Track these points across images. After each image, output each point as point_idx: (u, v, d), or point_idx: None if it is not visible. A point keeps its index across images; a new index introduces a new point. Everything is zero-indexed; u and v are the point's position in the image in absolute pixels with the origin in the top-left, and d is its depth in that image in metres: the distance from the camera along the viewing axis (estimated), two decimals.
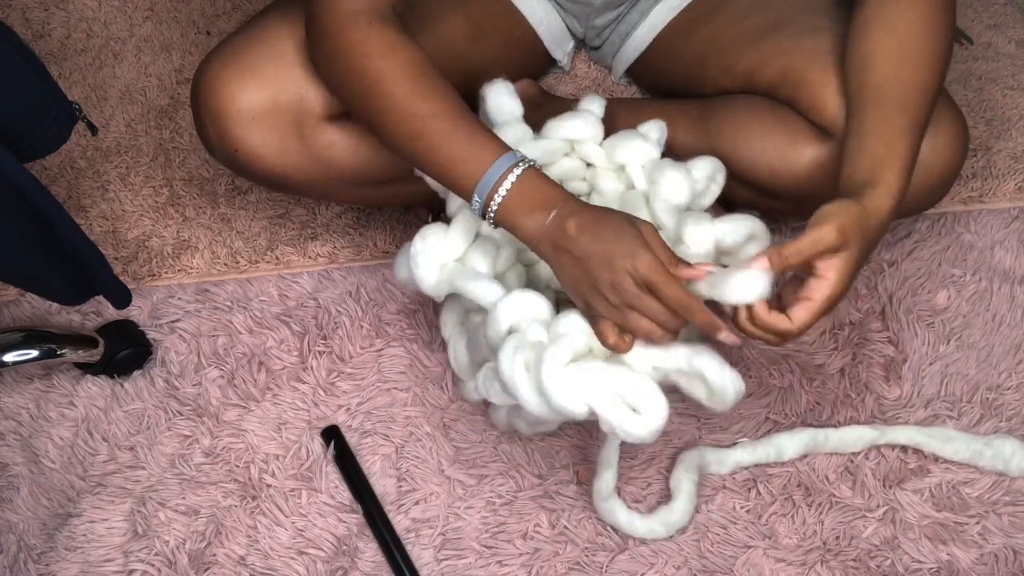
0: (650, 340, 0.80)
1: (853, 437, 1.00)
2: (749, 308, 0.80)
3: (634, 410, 0.79)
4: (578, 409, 0.80)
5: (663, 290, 0.77)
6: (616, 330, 0.80)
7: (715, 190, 0.96)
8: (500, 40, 1.13)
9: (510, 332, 0.84)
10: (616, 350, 0.80)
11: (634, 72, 1.23)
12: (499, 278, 0.94)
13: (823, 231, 0.77)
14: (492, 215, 0.82)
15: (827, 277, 0.78)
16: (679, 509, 0.96)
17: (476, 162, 0.81)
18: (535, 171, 0.82)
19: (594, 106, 0.99)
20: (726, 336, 0.79)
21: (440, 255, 0.91)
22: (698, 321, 0.78)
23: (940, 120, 0.94)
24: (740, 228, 0.88)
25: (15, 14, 1.47)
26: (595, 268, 0.78)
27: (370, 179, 1.01)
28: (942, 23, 0.88)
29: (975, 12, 1.38)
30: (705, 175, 0.94)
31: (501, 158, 0.81)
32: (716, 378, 0.80)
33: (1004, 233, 1.17)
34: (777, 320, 0.79)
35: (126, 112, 1.35)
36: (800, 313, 0.79)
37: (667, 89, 1.18)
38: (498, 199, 0.81)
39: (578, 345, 0.81)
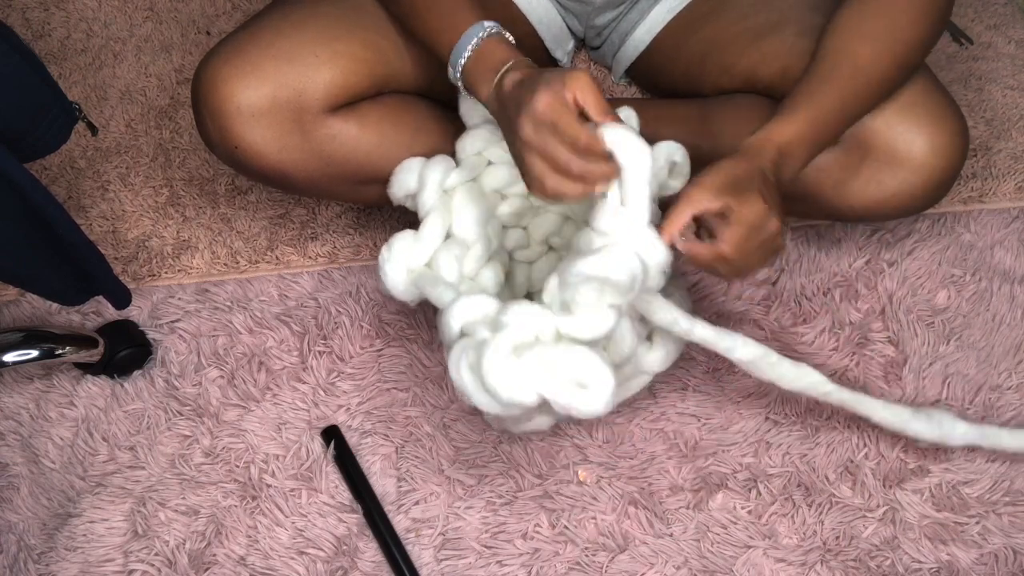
0: (542, 186, 0.79)
1: (795, 375, 0.94)
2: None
3: (582, 386, 0.78)
4: (527, 398, 0.78)
5: (558, 125, 0.77)
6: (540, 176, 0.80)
7: (676, 184, 0.92)
8: None
9: (461, 334, 0.83)
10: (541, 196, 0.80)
11: (634, 72, 1.23)
12: (471, 279, 0.95)
13: (685, 197, 0.82)
14: (460, 81, 0.88)
15: (723, 237, 0.81)
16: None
17: (452, 33, 0.88)
18: (497, 38, 0.87)
19: None
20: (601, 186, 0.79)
21: (408, 261, 0.92)
22: (594, 168, 0.77)
23: (940, 120, 0.94)
24: (660, 157, 0.88)
25: (15, 14, 1.47)
26: (512, 111, 0.81)
27: (370, 176, 1.02)
28: (920, 17, 0.90)
29: (975, 12, 1.38)
30: (663, 160, 0.91)
31: (471, 27, 0.87)
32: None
33: (1004, 233, 1.17)
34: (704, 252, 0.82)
35: (126, 112, 1.35)
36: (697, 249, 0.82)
37: (667, 89, 1.17)
38: (461, 63, 0.87)
39: (521, 334, 0.79)
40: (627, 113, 0.98)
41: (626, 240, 0.80)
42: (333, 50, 0.95)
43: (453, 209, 0.95)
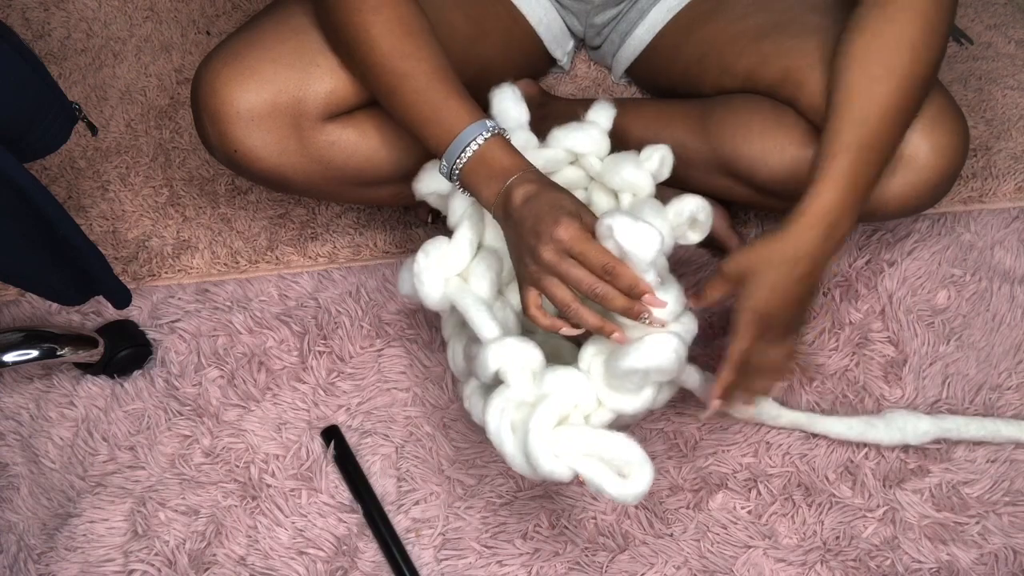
0: (566, 308, 0.80)
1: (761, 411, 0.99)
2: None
3: (621, 474, 0.79)
4: (564, 474, 0.80)
5: (586, 255, 0.78)
6: (538, 302, 0.81)
7: (695, 237, 0.94)
8: (500, 40, 1.13)
9: (497, 375, 0.83)
10: (535, 322, 0.82)
11: (634, 72, 1.23)
12: (502, 292, 0.94)
13: (714, 282, 0.86)
14: (456, 179, 0.86)
15: (735, 330, 0.86)
16: None
17: (446, 126, 0.85)
18: (500, 140, 0.85)
19: (602, 117, 0.98)
20: (649, 317, 0.80)
21: (443, 270, 0.91)
22: (621, 283, 0.78)
23: (940, 120, 0.94)
24: (684, 211, 0.89)
25: (15, 14, 1.47)
26: (526, 234, 0.80)
27: (369, 179, 1.02)
28: (931, 36, 0.86)
29: (975, 12, 1.38)
30: (687, 214, 0.92)
31: (471, 126, 0.85)
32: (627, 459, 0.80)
33: (1004, 233, 1.17)
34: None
35: (126, 112, 1.35)
36: (721, 371, 0.88)
37: (667, 89, 1.17)
38: (460, 164, 0.85)
39: (563, 405, 0.81)
40: (603, 106, 0.98)
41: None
42: (333, 60, 0.95)
43: (485, 216, 0.93)
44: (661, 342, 0.80)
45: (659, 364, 0.80)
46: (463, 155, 0.85)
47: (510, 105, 0.95)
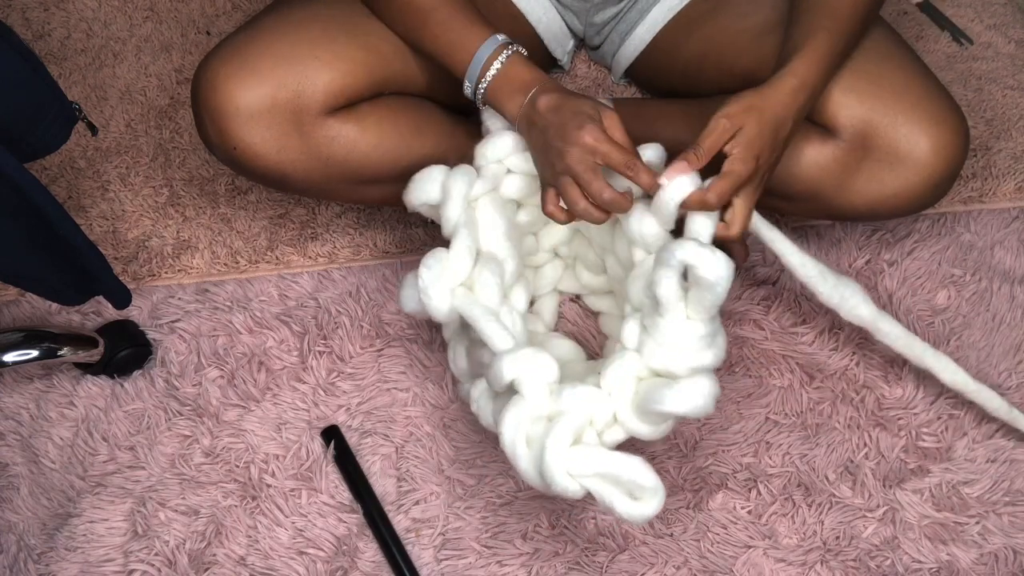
0: (575, 206, 0.86)
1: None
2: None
3: (632, 496, 0.79)
4: (577, 492, 0.80)
5: (608, 156, 0.84)
6: (556, 199, 0.88)
7: None
8: None
9: (512, 384, 0.83)
10: (550, 216, 0.89)
11: (634, 72, 1.23)
12: (507, 296, 0.93)
13: (713, 123, 0.87)
14: (480, 98, 0.93)
15: (732, 153, 0.87)
16: None
17: (469, 50, 0.92)
18: (519, 57, 0.92)
19: None
20: (656, 179, 0.85)
21: (448, 280, 0.90)
22: (641, 182, 0.85)
23: (941, 119, 0.94)
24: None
25: (15, 14, 1.47)
26: (552, 137, 0.87)
27: (369, 176, 1.02)
28: None
29: (975, 12, 1.38)
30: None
31: (485, 43, 0.91)
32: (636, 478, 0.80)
33: (1004, 233, 1.17)
34: (699, 195, 0.86)
35: (126, 112, 1.35)
36: (715, 186, 0.86)
37: (667, 89, 1.17)
38: (484, 84, 0.92)
39: (578, 422, 0.81)
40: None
41: (702, 368, 0.82)
42: (333, 53, 0.95)
43: (478, 221, 0.93)
44: (697, 386, 0.80)
45: (694, 410, 0.80)
46: (487, 74, 0.90)
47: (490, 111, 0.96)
